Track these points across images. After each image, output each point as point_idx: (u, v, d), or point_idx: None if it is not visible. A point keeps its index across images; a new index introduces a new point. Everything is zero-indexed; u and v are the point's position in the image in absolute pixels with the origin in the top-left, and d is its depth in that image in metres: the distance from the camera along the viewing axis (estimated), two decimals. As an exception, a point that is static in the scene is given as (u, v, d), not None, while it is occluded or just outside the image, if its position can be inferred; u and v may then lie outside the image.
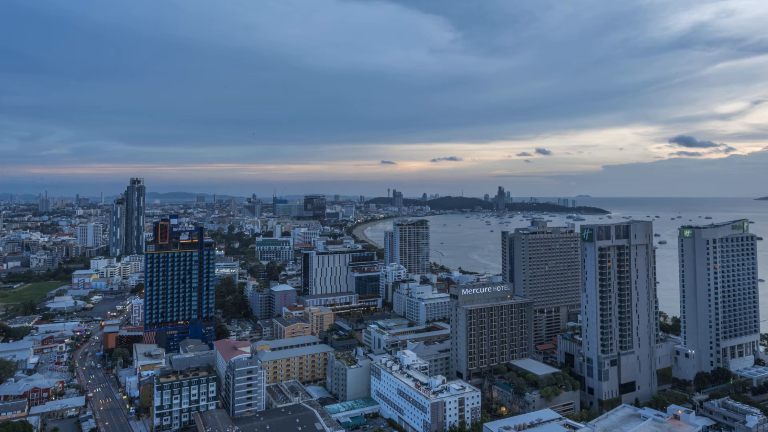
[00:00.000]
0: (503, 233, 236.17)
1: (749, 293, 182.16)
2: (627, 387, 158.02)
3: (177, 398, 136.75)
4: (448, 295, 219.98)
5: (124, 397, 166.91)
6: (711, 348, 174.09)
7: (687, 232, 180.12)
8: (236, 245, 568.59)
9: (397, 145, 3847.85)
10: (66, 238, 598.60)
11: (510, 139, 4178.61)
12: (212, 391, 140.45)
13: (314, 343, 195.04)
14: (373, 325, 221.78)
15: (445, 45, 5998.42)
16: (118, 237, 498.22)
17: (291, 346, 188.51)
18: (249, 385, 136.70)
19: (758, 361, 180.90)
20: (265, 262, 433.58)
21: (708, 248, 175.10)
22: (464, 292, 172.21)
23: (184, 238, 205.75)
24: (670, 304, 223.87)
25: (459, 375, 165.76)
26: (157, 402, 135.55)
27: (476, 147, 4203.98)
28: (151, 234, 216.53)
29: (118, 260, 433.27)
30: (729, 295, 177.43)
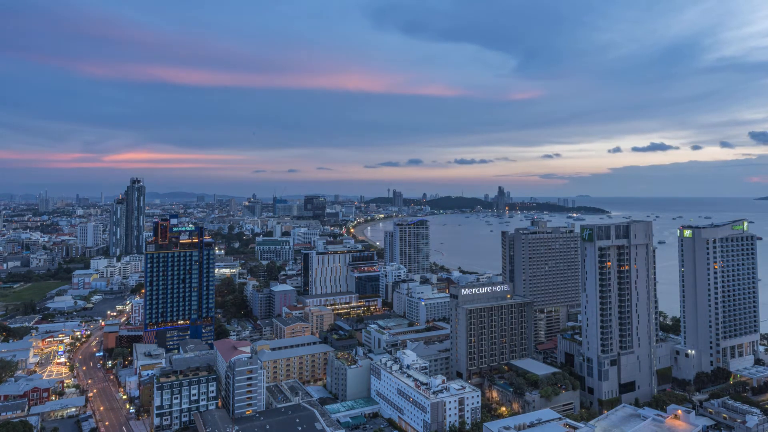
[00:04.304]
0: (503, 233, 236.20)
1: (749, 293, 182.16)
2: (627, 387, 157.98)
3: (177, 398, 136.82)
4: (448, 295, 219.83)
5: (124, 396, 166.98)
6: (711, 348, 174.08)
7: (687, 232, 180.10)
8: (236, 245, 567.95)
9: (446, 148, 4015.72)
10: (66, 238, 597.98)
11: (548, 143, 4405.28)
12: (212, 391, 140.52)
13: (314, 343, 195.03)
14: (373, 325, 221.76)
15: (507, 72, 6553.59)
16: (118, 237, 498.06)
17: (291, 346, 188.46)
18: (249, 385, 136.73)
19: (758, 361, 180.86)
20: (265, 262, 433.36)
21: (708, 248, 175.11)
22: (464, 292, 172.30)
23: (184, 238, 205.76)
24: (670, 304, 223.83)
25: (459, 375, 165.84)
26: (157, 402, 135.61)
27: (514, 149, 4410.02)
28: (151, 234, 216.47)
29: (118, 260, 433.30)
30: (729, 295, 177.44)
